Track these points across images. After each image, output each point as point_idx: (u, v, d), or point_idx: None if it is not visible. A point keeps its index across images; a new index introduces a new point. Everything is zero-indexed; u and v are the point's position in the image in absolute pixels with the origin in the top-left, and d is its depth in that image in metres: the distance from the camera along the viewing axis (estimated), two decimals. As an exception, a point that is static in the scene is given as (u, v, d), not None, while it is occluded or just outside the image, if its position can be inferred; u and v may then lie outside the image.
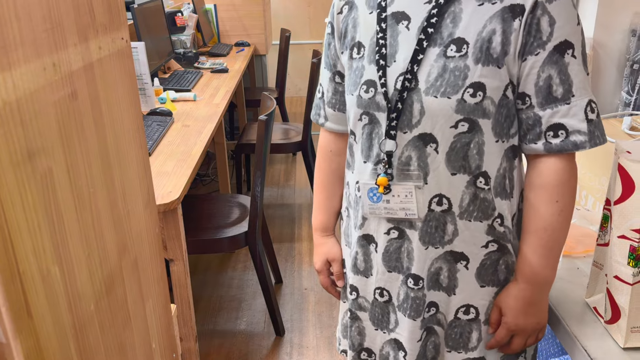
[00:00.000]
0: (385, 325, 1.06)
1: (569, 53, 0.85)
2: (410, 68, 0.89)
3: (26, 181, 0.47)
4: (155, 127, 2.07)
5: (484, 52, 0.86)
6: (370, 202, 0.97)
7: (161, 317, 0.86)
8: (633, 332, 0.89)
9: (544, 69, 0.86)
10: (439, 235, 0.95)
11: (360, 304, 1.09)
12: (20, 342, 0.45)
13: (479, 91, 0.86)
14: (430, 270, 0.98)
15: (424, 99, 0.88)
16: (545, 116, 0.88)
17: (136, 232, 0.74)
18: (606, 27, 1.80)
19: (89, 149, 0.60)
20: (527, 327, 0.96)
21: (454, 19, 0.88)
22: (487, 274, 0.97)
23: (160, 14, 3.05)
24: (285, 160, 4.13)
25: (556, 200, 0.89)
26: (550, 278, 0.94)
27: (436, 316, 1.01)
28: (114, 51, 0.68)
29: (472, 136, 0.89)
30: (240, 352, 2.16)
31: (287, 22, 5.44)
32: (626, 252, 0.87)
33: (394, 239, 0.99)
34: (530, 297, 0.94)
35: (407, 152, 0.92)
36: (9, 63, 0.45)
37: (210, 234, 2.05)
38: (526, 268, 0.93)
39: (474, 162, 0.91)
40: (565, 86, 0.86)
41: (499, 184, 0.93)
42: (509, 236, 0.96)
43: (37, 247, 0.48)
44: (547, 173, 0.90)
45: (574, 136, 0.87)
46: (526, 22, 0.84)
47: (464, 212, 0.93)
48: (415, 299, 0.99)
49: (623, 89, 1.79)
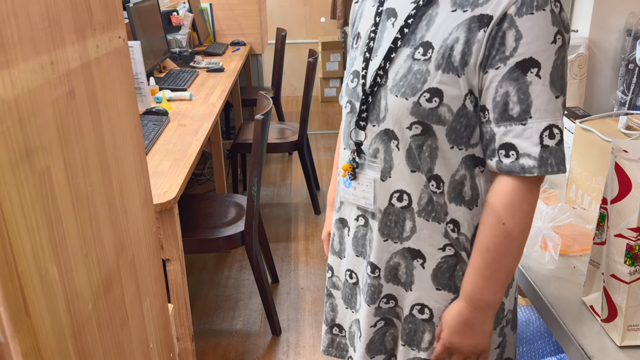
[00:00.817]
0: (353, 305, 1.11)
1: (533, 72, 0.81)
2: (383, 64, 0.91)
3: (24, 180, 0.46)
4: (151, 127, 2.06)
5: (446, 59, 0.84)
6: (344, 186, 1.02)
7: (158, 316, 0.86)
8: (630, 330, 0.90)
9: (502, 85, 0.83)
10: (398, 231, 0.96)
11: (334, 283, 1.15)
12: (18, 341, 0.45)
13: (436, 97, 0.85)
14: (389, 264, 0.99)
15: (389, 96, 0.90)
16: (498, 133, 0.85)
17: (133, 231, 0.74)
18: (602, 27, 1.81)
19: (86, 148, 0.60)
20: (462, 348, 0.94)
21: (428, 22, 0.88)
22: (444, 278, 0.96)
23: (156, 13, 3.04)
24: (281, 159, 4.13)
25: (503, 222, 0.86)
26: (492, 302, 0.91)
27: (395, 309, 1.03)
28: (111, 50, 0.68)
29: (425, 139, 0.89)
30: (236, 351, 2.16)
31: (283, 22, 5.43)
32: (623, 251, 0.87)
33: (361, 226, 1.02)
34: (468, 317, 0.92)
35: (375, 145, 0.95)
36: (7, 61, 0.44)
37: (207, 233, 2.04)
38: (466, 286, 0.92)
39: (425, 164, 0.91)
40: (522, 106, 0.82)
41: (453, 190, 0.92)
42: (466, 244, 0.94)
43: (35, 247, 0.48)
44: (498, 193, 0.87)
45: (523, 159, 0.83)
46: (490, 33, 0.82)
47: (422, 210, 0.94)
48: (371, 286, 1.01)
49: (618, 89, 1.80)
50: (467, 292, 0.92)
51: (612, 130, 1.29)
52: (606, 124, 1.34)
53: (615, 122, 1.35)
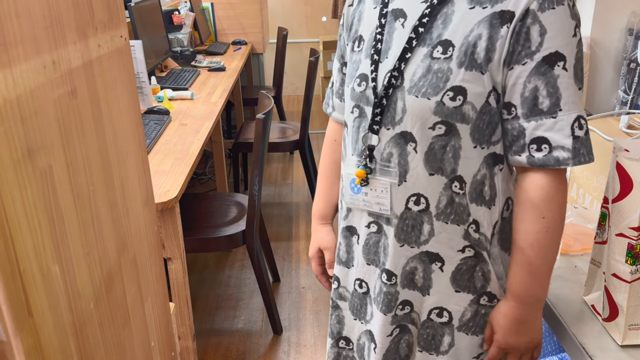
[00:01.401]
0: (362, 315, 1.07)
1: (560, 65, 0.82)
2: (397, 65, 0.89)
3: (26, 179, 0.47)
4: (152, 126, 2.06)
5: (468, 56, 0.84)
6: (352, 192, 0.99)
7: (160, 315, 0.86)
8: (631, 329, 0.90)
9: (530, 80, 0.83)
10: (415, 235, 0.95)
11: (341, 294, 1.11)
12: (21, 340, 0.45)
13: (459, 95, 0.85)
14: (405, 269, 0.97)
15: (407, 97, 0.88)
16: (529, 128, 0.85)
17: (135, 230, 0.74)
18: (603, 26, 1.80)
19: (88, 147, 0.60)
20: (519, 346, 0.94)
21: (444, 21, 0.87)
22: (463, 280, 0.96)
23: (157, 12, 3.04)
24: (282, 158, 4.13)
25: (542, 216, 0.87)
26: (540, 296, 0.92)
27: (410, 315, 1.01)
28: (113, 49, 0.68)
29: (449, 139, 0.88)
30: (238, 350, 2.16)
31: (284, 21, 5.43)
32: (624, 250, 0.87)
33: (373, 233, 1.00)
34: (520, 315, 0.92)
35: (389, 149, 0.93)
36: (9, 60, 0.44)
37: (208, 232, 2.04)
38: (514, 285, 0.92)
39: (449, 165, 0.90)
40: (552, 99, 0.83)
41: (474, 190, 0.91)
42: (486, 244, 0.94)
43: (37, 246, 0.48)
44: (533, 188, 0.87)
45: (557, 152, 0.84)
46: (514, 29, 0.82)
47: (441, 213, 0.92)
48: (387, 294, 0.99)
49: (620, 88, 1.79)
50: (516, 291, 0.92)
51: (614, 130, 1.29)
52: (608, 123, 1.34)
53: (616, 121, 1.35)
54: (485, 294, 0.97)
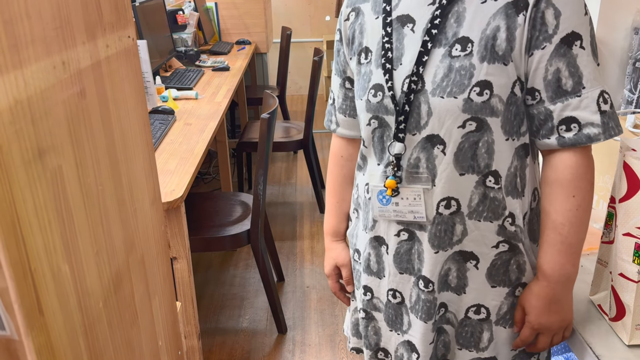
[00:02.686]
0: (399, 326, 1.06)
1: (577, 44, 0.84)
2: (415, 70, 0.89)
3: (37, 179, 0.47)
4: (157, 126, 2.07)
5: (489, 49, 0.85)
6: (380, 204, 0.97)
7: (167, 314, 0.86)
8: (638, 329, 0.90)
9: (551, 63, 0.85)
10: (448, 238, 0.94)
11: (375, 305, 1.09)
12: (32, 338, 0.45)
13: (486, 89, 0.86)
14: (441, 274, 0.97)
15: (431, 99, 0.88)
16: (556, 110, 0.87)
17: (143, 229, 0.75)
18: (609, 25, 1.80)
19: (97, 147, 0.60)
20: (551, 325, 0.94)
21: (457, 19, 0.87)
22: (498, 274, 0.96)
23: (162, 12, 3.05)
24: (286, 158, 4.13)
25: (573, 195, 0.88)
26: (572, 274, 0.92)
27: (445, 315, 1.01)
28: (120, 49, 0.68)
29: (481, 135, 0.88)
30: (242, 349, 2.16)
31: (288, 20, 5.43)
32: (631, 250, 0.87)
33: (405, 241, 0.98)
34: (552, 294, 0.93)
35: (416, 154, 0.92)
36: (20, 61, 0.45)
37: (213, 232, 2.05)
38: (546, 265, 0.92)
39: (482, 161, 0.90)
40: (575, 78, 0.85)
41: (510, 183, 0.92)
42: (520, 235, 0.95)
43: (47, 245, 0.48)
44: (562, 168, 0.88)
45: (587, 129, 0.85)
46: (530, 16, 0.83)
47: (473, 212, 0.92)
48: (426, 301, 0.98)
49: (625, 87, 1.79)
50: (547, 271, 0.92)
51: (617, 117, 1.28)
52: (613, 123, 1.33)
53: (622, 120, 1.35)
54: (520, 285, 0.98)
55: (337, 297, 1.19)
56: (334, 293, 1.19)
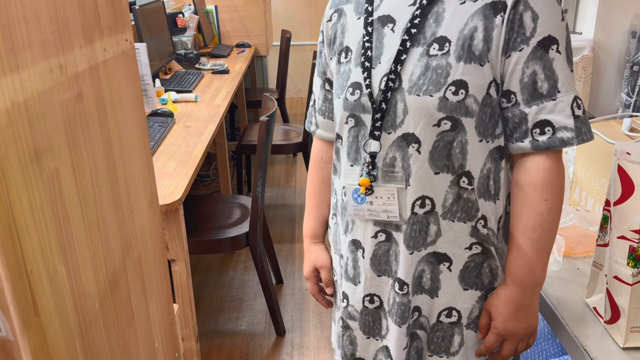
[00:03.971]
0: (377, 332, 1.05)
1: (554, 49, 0.85)
2: (393, 68, 0.89)
3: (33, 181, 0.47)
4: (156, 128, 2.07)
5: (466, 49, 0.85)
6: (355, 203, 0.97)
7: (164, 316, 0.87)
8: (632, 332, 0.90)
9: (528, 65, 0.85)
10: (422, 238, 0.94)
11: (350, 313, 1.07)
12: (27, 340, 0.45)
13: (461, 89, 0.86)
14: (415, 275, 0.96)
15: (407, 98, 0.88)
16: (531, 113, 0.87)
17: (140, 231, 0.75)
18: (606, 29, 1.81)
19: (94, 149, 0.61)
20: (517, 331, 0.94)
21: (437, 19, 0.88)
22: (471, 277, 0.96)
23: (162, 15, 3.06)
24: (285, 161, 4.14)
25: (545, 198, 0.88)
26: (541, 279, 0.92)
27: (419, 320, 1.00)
28: (118, 53, 0.69)
29: (456, 135, 0.88)
30: (241, 352, 2.16)
31: (288, 23, 5.45)
32: (626, 253, 0.88)
33: (382, 242, 0.98)
34: (521, 300, 0.92)
35: (392, 153, 0.92)
36: (17, 64, 0.45)
37: (211, 234, 2.05)
38: (515, 269, 0.92)
39: (457, 161, 0.90)
40: (550, 82, 0.85)
41: (482, 185, 0.92)
42: (493, 239, 0.95)
43: (44, 246, 0.49)
44: (534, 171, 0.88)
45: (560, 132, 0.86)
46: (508, 18, 0.84)
47: (447, 212, 0.92)
48: (401, 304, 0.98)
49: (623, 91, 1.79)
50: (517, 275, 0.92)
51: (616, 133, 1.29)
52: (610, 126, 1.34)
53: (619, 124, 1.35)
54: (492, 290, 0.97)
55: (315, 299, 1.18)
56: (312, 295, 1.18)
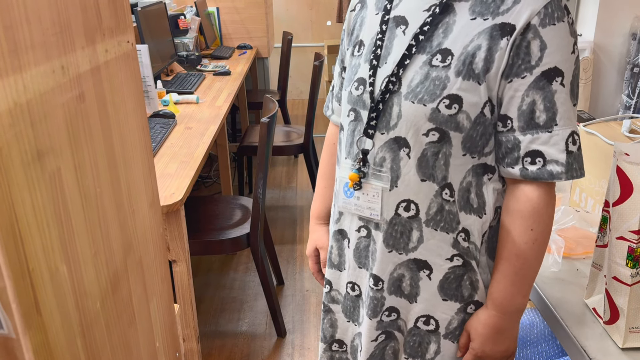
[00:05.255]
0: (356, 318, 1.08)
1: (558, 81, 0.84)
2: (395, 71, 0.90)
3: (36, 181, 0.48)
4: (158, 129, 2.08)
5: (467, 66, 0.85)
6: (344, 196, 0.99)
7: (165, 316, 0.87)
8: (632, 332, 0.90)
9: (528, 93, 0.84)
10: (404, 242, 0.95)
11: (334, 297, 1.12)
12: (29, 338, 0.46)
13: (455, 103, 0.86)
14: (393, 275, 0.97)
15: (403, 103, 0.89)
16: (524, 141, 0.86)
17: (141, 231, 0.76)
18: (606, 31, 1.81)
19: (95, 150, 0.61)
20: (494, 354, 0.95)
21: (445, 30, 0.88)
22: (451, 289, 0.96)
23: (163, 17, 3.07)
24: (286, 162, 4.14)
25: (531, 228, 0.88)
26: (521, 306, 0.92)
27: (397, 322, 1.01)
28: (120, 54, 0.69)
29: (441, 147, 0.89)
30: (242, 353, 2.17)
31: (289, 25, 5.45)
32: (624, 254, 0.88)
33: (363, 237, 1.00)
34: (500, 324, 0.93)
35: (382, 153, 0.93)
36: (20, 65, 0.46)
37: (213, 235, 2.06)
38: (497, 294, 0.92)
39: (440, 172, 0.90)
40: (549, 114, 0.84)
41: (462, 198, 0.92)
42: (475, 253, 0.95)
43: (46, 246, 0.49)
44: (523, 200, 0.88)
45: (550, 165, 0.85)
46: (514, 42, 0.83)
47: (431, 220, 0.93)
48: (374, 299, 1.00)
49: (623, 92, 1.80)
50: (498, 300, 0.92)
51: (616, 134, 1.29)
52: (610, 128, 1.34)
53: (619, 125, 1.35)
54: (472, 303, 0.97)
55: (315, 277, 1.23)
56: (312, 273, 1.23)
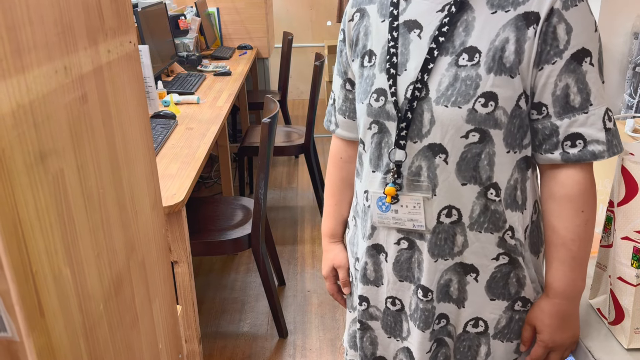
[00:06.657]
0: (398, 333, 1.05)
1: (587, 61, 0.84)
2: (420, 77, 0.88)
3: (39, 182, 0.47)
4: (159, 130, 2.08)
5: (497, 61, 0.84)
6: (379, 211, 0.96)
7: (167, 317, 0.87)
8: (637, 333, 0.90)
9: (561, 78, 0.84)
10: (449, 247, 0.94)
11: (372, 314, 1.07)
12: (33, 340, 0.45)
13: (491, 101, 0.85)
14: (440, 283, 0.96)
15: (435, 108, 0.87)
16: (562, 126, 0.86)
17: (144, 232, 0.75)
18: (609, 30, 1.81)
19: (98, 151, 0.61)
20: (564, 341, 0.94)
21: (466, 28, 0.86)
22: (498, 287, 0.96)
23: (164, 18, 3.06)
24: (287, 162, 4.14)
25: (582, 210, 0.88)
26: (582, 289, 0.93)
27: (447, 328, 1.00)
28: (122, 54, 0.69)
29: (483, 147, 0.88)
30: (243, 353, 2.16)
31: (290, 25, 5.45)
32: (629, 254, 0.87)
33: (404, 249, 0.98)
34: (564, 311, 0.93)
35: (418, 162, 0.91)
36: (22, 66, 0.45)
37: (214, 236, 2.05)
38: (557, 282, 0.92)
39: (484, 173, 0.89)
40: (583, 95, 0.84)
41: (509, 196, 0.91)
42: (520, 249, 0.94)
43: (49, 247, 0.49)
44: (570, 183, 0.88)
45: (592, 146, 0.85)
46: (541, 30, 0.83)
47: (474, 223, 0.92)
48: (424, 310, 0.98)
49: (625, 92, 1.79)
50: (560, 288, 0.92)
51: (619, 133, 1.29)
52: (613, 127, 1.34)
53: (622, 125, 1.35)
54: (519, 299, 0.97)
55: (334, 298, 1.19)
56: (331, 295, 1.19)
